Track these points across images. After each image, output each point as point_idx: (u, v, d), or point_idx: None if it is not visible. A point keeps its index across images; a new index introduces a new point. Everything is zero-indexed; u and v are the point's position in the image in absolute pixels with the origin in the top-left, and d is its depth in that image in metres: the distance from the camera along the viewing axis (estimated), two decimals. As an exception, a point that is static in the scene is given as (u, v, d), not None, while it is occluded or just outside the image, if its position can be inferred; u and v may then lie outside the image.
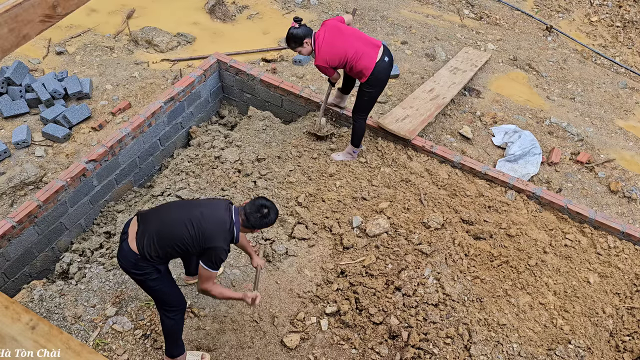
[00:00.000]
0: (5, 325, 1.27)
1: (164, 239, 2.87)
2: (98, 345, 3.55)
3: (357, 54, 4.21)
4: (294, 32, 4.20)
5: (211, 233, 2.87)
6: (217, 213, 2.94)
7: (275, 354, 3.61)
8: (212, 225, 2.89)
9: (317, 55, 4.23)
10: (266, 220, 3.00)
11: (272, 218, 3.02)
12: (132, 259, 2.90)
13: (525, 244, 4.30)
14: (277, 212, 3.07)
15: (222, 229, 2.91)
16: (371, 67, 4.22)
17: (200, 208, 2.96)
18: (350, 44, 4.21)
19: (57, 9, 1.86)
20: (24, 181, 4.69)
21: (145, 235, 2.87)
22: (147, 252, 2.86)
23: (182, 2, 7.14)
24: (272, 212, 3.01)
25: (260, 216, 2.97)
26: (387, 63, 4.31)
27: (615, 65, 7.10)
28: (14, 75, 5.45)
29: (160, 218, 2.96)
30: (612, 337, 3.90)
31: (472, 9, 7.81)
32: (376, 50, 4.26)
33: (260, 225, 3.02)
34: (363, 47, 4.24)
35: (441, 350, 3.62)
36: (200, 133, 5.37)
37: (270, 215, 3.00)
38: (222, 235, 2.90)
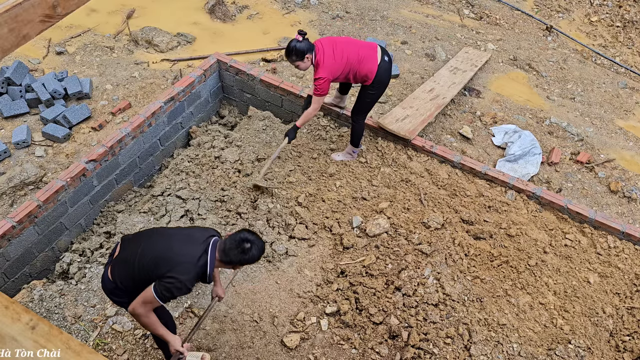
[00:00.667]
0: (5, 325, 1.27)
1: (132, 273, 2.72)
2: (98, 345, 3.55)
3: (358, 59, 4.19)
4: (297, 46, 4.08)
5: (175, 264, 2.61)
6: (190, 247, 2.69)
7: (275, 354, 3.61)
8: (179, 257, 2.64)
9: (321, 67, 4.13)
10: (247, 257, 2.69)
11: (254, 254, 2.71)
12: (109, 286, 2.84)
13: (525, 244, 4.30)
14: (261, 248, 2.76)
15: (190, 263, 2.63)
16: (375, 69, 4.21)
17: (175, 241, 2.72)
18: (349, 51, 4.19)
19: (57, 9, 1.86)
20: (24, 181, 4.69)
21: (120, 265, 2.79)
22: (119, 281, 2.77)
23: (182, 2, 7.14)
24: (254, 247, 2.71)
25: (240, 252, 2.67)
26: (388, 63, 4.32)
27: (615, 65, 7.10)
28: (14, 75, 5.45)
29: (136, 249, 2.76)
30: (612, 337, 3.90)
31: (472, 9, 7.81)
32: (375, 53, 4.26)
33: (241, 262, 2.72)
34: (362, 51, 4.22)
35: (441, 350, 3.62)
36: (200, 133, 5.37)
37: (252, 250, 2.69)
38: (186, 269, 2.62)
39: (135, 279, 2.72)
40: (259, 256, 2.74)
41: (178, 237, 2.76)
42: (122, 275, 2.77)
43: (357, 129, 4.66)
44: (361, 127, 4.65)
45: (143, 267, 2.67)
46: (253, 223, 4.33)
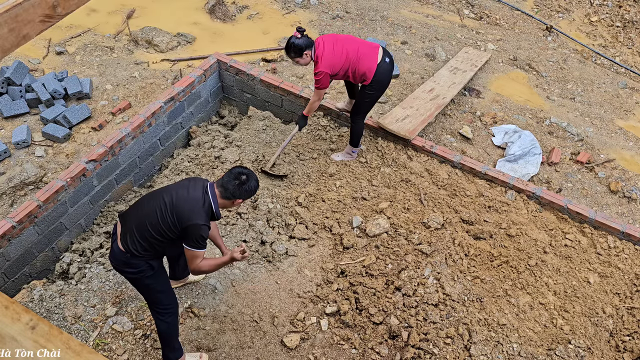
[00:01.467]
0: (5, 325, 1.27)
1: (142, 231, 2.84)
2: (98, 345, 3.55)
3: (358, 56, 4.20)
4: (295, 42, 4.13)
5: (186, 212, 2.79)
6: (190, 192, 2.85)
7: (275, 354, 3.61)
8: (186, 204, 2.80)
9: (320, 62, 4.17)
10: (245, 187, 2.86)
11: (252, 184, 2.89)
12: (123, 258, 2.91)
13: (525, 244, 4.30)
14: (256, 180, 2.93)
15: (198, 206, 2.81)
16: (374, 69, 4.21)
17: (172, 191, 2.88)
18: (350, 48, 4.20)
19: (57, 9, 1.86)
20: (24, 181, 4.69)
21: (128, 233, 2.88)
22: (133, 249, 2.86)
23: (182, 2, 7.14)
24: (251, 178, 2.89)
25: (238, 183, 2.85)
26: (389, 64, 4.31)
27: (615, 65, 7.10)
28: (14, 75, 5.45)
29: (136, 212, 2.93)
30: (612, 337, 3.90)
31: (472, 9, 7.81)
32: (376, 52, 4.26)
33: (241, 194, 2.88)
34: (362, 49, 4.23)
35: (441, 350, 3.62)
36: (200, 133, 5.37)
37: (249, 181, 2.87)
38: (198, 213, 2.80)
39: (154, 238, 2.84)
40: (255, 187, 2.91)
41: (179, 191, 2.88)
42: (135, 242, 2.85)
43: (356, 130, 4.67)
44: (360, 127, 4.66)
45: (159, 224, 2.80)
46: (253, 223, 4.33)
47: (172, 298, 3.16)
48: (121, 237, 2.91)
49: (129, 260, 2.90)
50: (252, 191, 2.91)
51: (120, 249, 2.90)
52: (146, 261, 2.92)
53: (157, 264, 3.01)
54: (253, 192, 2.92)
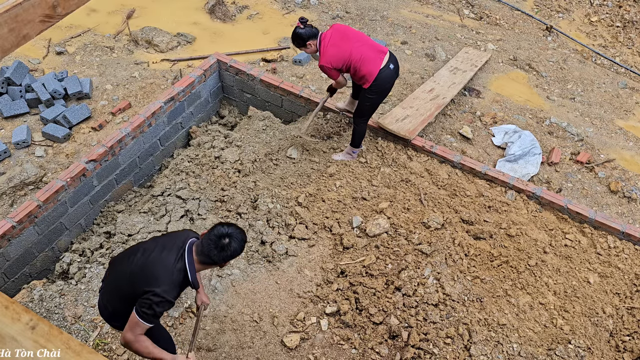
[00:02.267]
0: (5, 325, 1.27)
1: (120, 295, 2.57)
2: (98, 345, 3.55)
3: (361, 58, 4.18)
4: (298, 32, 4.21)
5: (150, 278, 2.43)
6: (164, 256, 2.49)
7: (275, 354, 3.61)
8: (154, 269, 2.45)
9: (322, 56, 4.21)
10: (227, 253, 2.48)
11: (235, 248, 2.49)
12: (105, 313, 2.72)
13: (525, 244, 4.30)
14: (242, 239, 2.54)
15: (166, 273, 2.43)
16: (375, 73, 4.20)
17: (149, 254, 2.53)
18: (356, 48, 4.19)
19: (57, 9, 1.86)
20: (24, 181, 4.69)
21: (108, 289, 2.68)
22: (111, 306, 2.64)
23: (182, 2, 7.14)
24: (234, 240, 2.49)
25: (219, 249, 2.47)
26: (393, 71, 4.28)
27: (615, 65, 7.10)
28: (14, 75, 5.45)
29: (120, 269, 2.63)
30: (612, 337, 3.90)
31: (472, 9, 7.81)
32: (382, 57, 4.24)
33: (224, 259, 2.50)
34: (368, 52, 4.22)
35: (441, 350, 3.62)
36: (200, 133, 5.37)
37: (231, 245, 2.48)
38: (163, 280, 2.41)
39: (124, 301, 2.54)
40: (241, 248, 2.53)
41: (154, 248, 2.56)
42: (111, 299, 2.63)
43: (357, 131, 4.67)
44: (362, 129, 4.66)
45: (125, 288, 2.51)
46: (253, 223, 4.33)
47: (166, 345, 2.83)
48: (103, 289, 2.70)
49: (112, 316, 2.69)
50: (237, 254, 2.53)
51: (102, 303, 2.70)
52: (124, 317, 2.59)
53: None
54: (238, 254, 2.54)
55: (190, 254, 2.51)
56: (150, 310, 2.40)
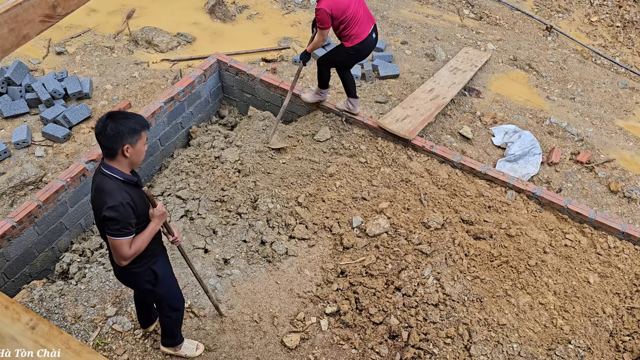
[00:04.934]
0: (5, 325, 1.27)
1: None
2: (98, 345, 3.55)
3: (356, 17, 4.38)
4: None
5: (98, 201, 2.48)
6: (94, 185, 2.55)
7: (275, 354, 3.61)
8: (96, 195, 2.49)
9: (322, 0, 4.29)
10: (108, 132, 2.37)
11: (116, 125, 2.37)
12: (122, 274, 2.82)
13: (525, 244, 4.30)
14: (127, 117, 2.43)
15: (104, 188, 2.46)
16: (362, 37, 4.46)
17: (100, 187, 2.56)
18: (354, 5, 4.37)
19: (57, 9, 1.86)
20: (24, 181, 4.69)
21: None
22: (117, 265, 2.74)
23: (182, 2, 7.14)
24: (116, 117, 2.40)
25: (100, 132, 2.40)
26: (374, 40, 4.61)
27: (615, 65, 7.10)
28: (14, 75, 5.45)
29: None
30: (612, 337, 3.90)
31: (472, 9, 7.81)
32: (371, 25, 4.53)
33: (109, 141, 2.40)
34: (363, 15, 4.47)
35: (441, 350, 3.62)
36: (200, 133, 5.37)
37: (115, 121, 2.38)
38: (103, 196, 2.45)
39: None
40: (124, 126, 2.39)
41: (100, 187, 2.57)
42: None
43: (323, 75, 4.89)
44: (327, 74, 4.89)
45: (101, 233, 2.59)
46: (253, 223, 4.33)
47: (179, 298, 3.14)
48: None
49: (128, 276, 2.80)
50: (127, 130, 2.41)
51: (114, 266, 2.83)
52: (147, 268, 2.80)
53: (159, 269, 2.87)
54: (131, 130, 2.42)
55: (105, 164, 2.50)
56: (115, 223, 2.43)
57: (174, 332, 3.34)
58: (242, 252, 4.18)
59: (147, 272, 2.82)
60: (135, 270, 2.75)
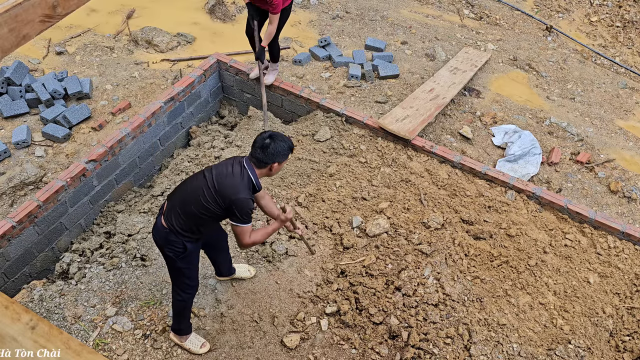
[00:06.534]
0: (5, 325, 1.27)
1: (186, 208, 2.94)
2: (98, 345, 3.55)
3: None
4: None
5: (229, 188, 2.85)
6: (229, 169, 2.92)
7: (275, 354, 3.61)
8: (227, 180, 2.87)
9: None
10: (271, 150, 2.85)
11: (278, 146, 2.86)
12: (163, 234, 3.01)
13: (525, 244, 4.30)
14: (283, 139, 2.90)
15: (237, 180, 2.87)
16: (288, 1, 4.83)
17: (214, 170, 2.97)
18: None
19: (57, 9, 1.86)
20: (24, 181, 4.69)
21: (172, 210, 2.99)
22: (177, 225, 2.96)
23: (182, 2, 7.14)
24: (276, 139, 2.87)
25: (262, 149, 2.86)
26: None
27: (615, 65, 7.10)
28: (14, 75, 5.45)
29: (180, 191, 3.04)
30: (612, 337, 3.90)
31: (472, 9, 7.81)
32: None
33: (271, 158, 2.88)
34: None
35: (441, 350, 3.62)
36: (200, 133, 5.37)
37: (275, 143, 2.85)
38: (239, 187, 2.86)
39: (198, 214, 2.92)
40: (284, 147, 2.88)
41: (219, 168, 2.96)
42: (179, 218, 2.96)
43: (274, 49, 5.17)
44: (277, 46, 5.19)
45: (204, 199, 2.89)
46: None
47: (194, 281, 3.27)
48: (165, 213, 3.03)
49: (168, 237, 3.00)
50: (282, 151, 2.89)
51: (162, 224, 3.02)
52: (183, 242, 3.00)
53: (192, 248, 3.07)
54: (284, 151, 2.90)
55: (249, 163, 2.92)
56: (245, 214, 2.88)
57: (179, 319, 3.42)
58: (242, 252, 4.18)
59: (180, 244, 3.01)
60: (172, 238, 2.99)
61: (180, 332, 3.50)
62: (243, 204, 2.85)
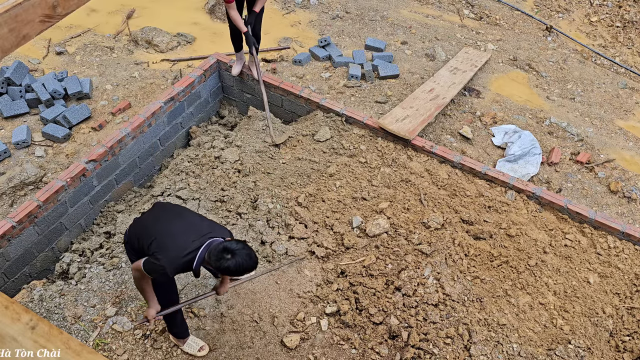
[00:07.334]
0: (5, 325, 1.27)
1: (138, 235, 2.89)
2: (98, 345, 3.55)
3: None
4: None
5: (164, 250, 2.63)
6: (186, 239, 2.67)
7: (275, 354, 3.61)
8: (171, 245, 2.65)
9: None
10: (223, 266, 2.49)
11: (229, 266, 2.48)
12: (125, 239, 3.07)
13: (525, 244, 4.30)
14: (245, 260, 2.51)
15: (177, 256, 2.61)
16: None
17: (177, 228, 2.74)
18: None
19: (57, 9, 1.86)
20: (24, 181, 4.69)
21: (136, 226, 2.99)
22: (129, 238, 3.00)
23: (182, 2, 7.14)
24: (235, 258, 2.49)
25: (216, 259, 2.53)
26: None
27: (615, 65, 7.10)
28: (14, 75, 5.45)
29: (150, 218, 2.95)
30: (612, 337, 3.90)
31: (472, 9, 7.81)
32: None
33: (220, 270, 2.55)
34: None
35: (441, 350, 3.62)
36: (200, 133, 5.37)
37: (229, 261, 2.48)
38: (171, 259, 2.60)
39: (138, 242, 2.87)
40: (237, 269, 2.51)
41: (182, 224, 2.78)
42: (131, 234, 2.96)
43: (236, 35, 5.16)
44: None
45: (144, 237, 2.80)
46: (253, 223, 4.33)
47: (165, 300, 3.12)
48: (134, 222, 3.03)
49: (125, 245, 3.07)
50: (232, 271, 2.52)
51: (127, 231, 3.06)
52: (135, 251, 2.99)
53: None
54: (234, 272, 2.53)
55: (205, 252, 2.65)
56: (151, 270, 2.67)
57: (170, 324, 3.41)
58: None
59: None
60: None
61: (177, 335, 3.49)
62: (155, 267, 2.61)
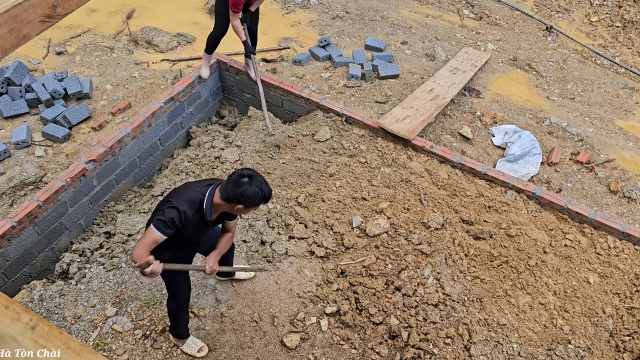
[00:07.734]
0: (5, 325, 1.27)
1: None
2: (98, 345, 3.55)
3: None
4: None
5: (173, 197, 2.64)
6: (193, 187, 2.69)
7: (275, 354, 3.61)
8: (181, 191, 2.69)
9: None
10: (241, 190, 2.49)
11: (247, 189, 2.49)
12: None
13: (525, 244, 4.30)
14: (261, 187, 2.53)
15: (188, 194, 2.62)
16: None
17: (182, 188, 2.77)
18: None
19: (57, 9, 1.86)
20: (24, 181, 4.69)
21: None
22: None
23: (182, 2, 7.14)
24: (253, 182, 2.51)
25: (234, 184, 2.52)
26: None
27: (615, 65, 7.10)
28: (14, 75, 5.45)
29: None
30: (612, 337, 3.90)
31: (472, 9, 7.81)
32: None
33: (237, 197, 2.52)
34: None
35: (441, 350, 3.62)
36: (200, 133, 5.37)
37: (250, 185, 2.49)
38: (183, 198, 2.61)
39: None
40: (257, 193, 2.52)
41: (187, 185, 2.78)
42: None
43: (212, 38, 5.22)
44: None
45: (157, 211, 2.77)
46: (253, 223, 4.33)
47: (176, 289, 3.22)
48: None
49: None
50: (253, 198, 2.53)
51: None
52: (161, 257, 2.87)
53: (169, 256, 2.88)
54: (254, 199, 2.54)
55: (213, 190, 2.66)
56: (164, 219, 2.55)
57: (173, 324, 3.43)
58: (242, 252, 4.17)
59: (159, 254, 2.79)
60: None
61: (177, 336, 3.50)
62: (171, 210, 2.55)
